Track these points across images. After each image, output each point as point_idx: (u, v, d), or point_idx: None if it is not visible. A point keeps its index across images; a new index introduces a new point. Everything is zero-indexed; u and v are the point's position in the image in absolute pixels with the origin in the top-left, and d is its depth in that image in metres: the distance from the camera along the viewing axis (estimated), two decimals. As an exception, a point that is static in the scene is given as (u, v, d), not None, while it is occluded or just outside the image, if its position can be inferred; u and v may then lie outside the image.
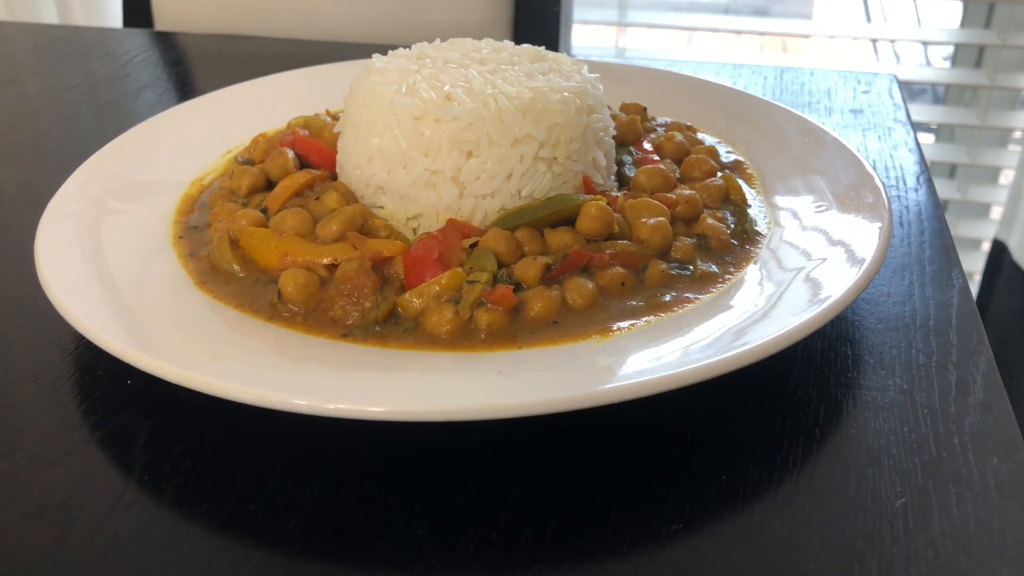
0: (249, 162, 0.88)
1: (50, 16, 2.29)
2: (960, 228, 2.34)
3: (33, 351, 0.69)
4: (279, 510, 0.54)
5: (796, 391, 0.64)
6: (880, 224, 0.71)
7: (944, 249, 0.82)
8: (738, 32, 2.40)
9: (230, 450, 0.59)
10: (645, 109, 0.99)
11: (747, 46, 2.92)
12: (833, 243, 0.71)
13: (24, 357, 0.68)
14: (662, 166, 0.84)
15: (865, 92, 1.21)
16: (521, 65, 0.81)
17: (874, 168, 0.81)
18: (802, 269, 0.69)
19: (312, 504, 0.55)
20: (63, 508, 0.55)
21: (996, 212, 2.35)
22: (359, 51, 1.32)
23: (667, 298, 0.68)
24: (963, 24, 2.28)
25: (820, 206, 0.78)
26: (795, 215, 0.78)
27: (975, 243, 2.37)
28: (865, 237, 0.70)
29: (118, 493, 0.56)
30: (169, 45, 1.47)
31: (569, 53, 1.29)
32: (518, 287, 0.68)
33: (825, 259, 0.69)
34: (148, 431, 0.61)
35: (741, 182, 0.83)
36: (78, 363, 0.67)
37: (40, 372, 0.67)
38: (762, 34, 2.62)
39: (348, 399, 0.55)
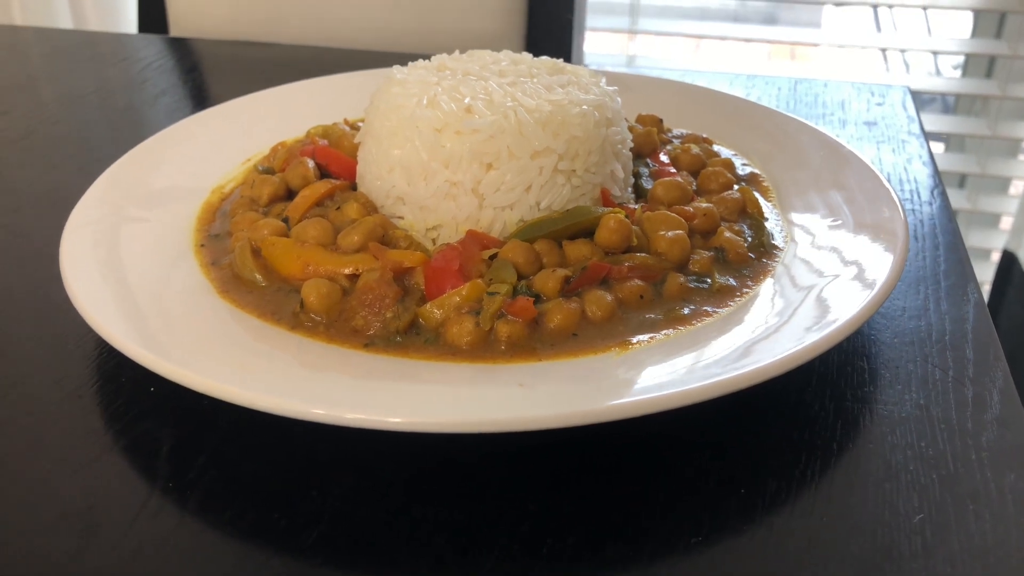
0: (269, 171, 0.89)
1: (65, 21, 2.30)
2: (970, 238, 2.34)
3: (57, 357, 0.70)
4: (302, 519, 0.55)
5: (813, 405, 0.65)
6: (897, 239, 0.71)
7: (959, 263, 0.82)
8: (747, 40, 2.41)
9: (253, 459, 0.60)
10: (661, 121, 0.99)
11: (755, 53, 2.92)
12: (849, 258, 0.72)
13: (48, 363, 0.69)
14: (679, 179, 0.84)
15: (879, 104, 1.21)
16: (540, 77, 0.82)
17: (889, 181, 0.82)
18: (818, 284, 0.69)
19: (335, 513, 0.55)
20: (88, 515, 0.55)
21: (1006, 222, 2.35)
22: (373, 59, 1.33)
23: (685, 311, 0.68)
24: (974, 34, 2.28)
25: (837, 221, 0.78)
26: (812, 230, 0.79)
27: (985, 253, 2.37)
28: (881, 252, 0.70)
29: (142, 501, 0.56)
30: (185, 51, 1.48)
31: (581, 61, 1.29)
32: (537, 299, 0.68)
33: (841, 275, 0.69)
34: (172, 439, 0.61)
35: (757, 195, 0.84)
36: (102, 370, 0.68)
37: (64, 379, 0.67)
38: (771, 42, 2.62)
39: (368, 409, 0.55)
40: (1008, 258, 2.24)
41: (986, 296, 2.27)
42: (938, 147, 2.43)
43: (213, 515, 0.56)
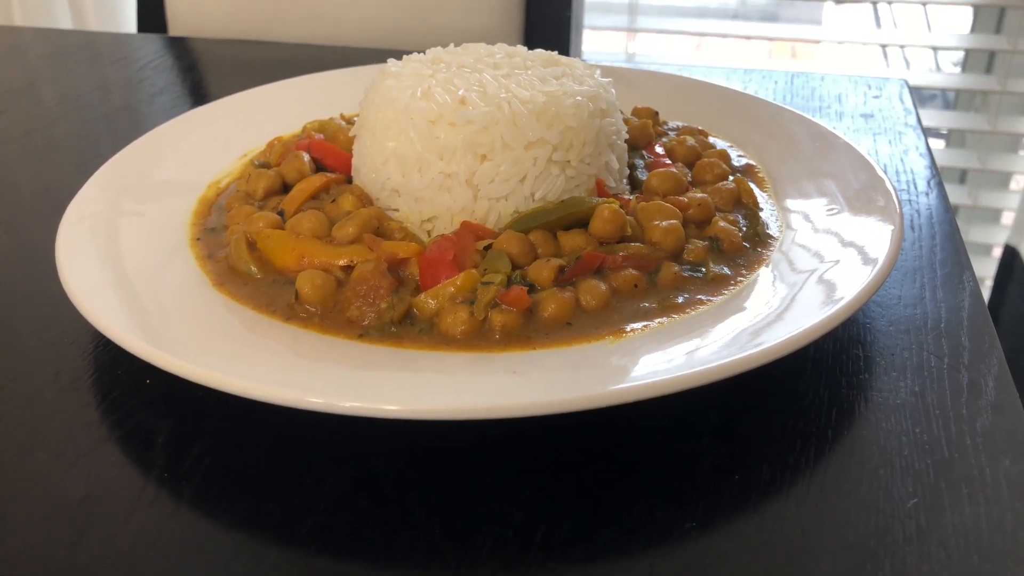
0: (265, 165, 0.89)
1: (65, 22, 2.31)
2: (971, 233, 2.33)
3: (54, 351, 0.70)
4: (297, 509, 0.55)
5: (808, 393, 0.65)
6: (892, 227, 0.72)
7: (955, 252, 0.82)
8: (747, 37, 2.41)
9: (248, 449, 0.60)
10: (657, 113, 0.99)
11: (756, 52, 2.92)
12: (845, 245, 0.72)
13: (45, 356, 0.69)
14: (674, 169, 0.84)
15: (876, 97, 1.21)
16: (534, 69, 0.82)
17: (885, 172, 0.82)
18: (814, 271, 0.69)
19: (329, 503, 0.56)
20: (83, 506, 0.56)
21: (1007, 217, 2.35)
22: (371, 56, 1.33)
23: (679, 300, 0.68)
24: (973, 29, 2.28)
25: (831, 209, 0.79)
26: (807, 218, 0.79)
27: (986, 248, 2.37)
28: (877, 240, 0.71)
29: (138, 491, 0.57)
30: (183, 50, 1.48)
31: (580, 58, 1.29)
32: (532, 288, 0.68)
33: (837, 261, 0.70)
34: (167, 430, 0.62)
35: (752, 185, 0.84)
36: (98, 362, 0.68)
37: (61, 371, 0.67)
38: (771, 40, 2.62)
39: (363, 398, 0.56)
40: (1010, 253, 2.24)
41: (988, 292, 2.27)
42: (938, 143, 2.43)
43: (208, 505, 0.56)
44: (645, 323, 0.66)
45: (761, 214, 0.80)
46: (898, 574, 0.50)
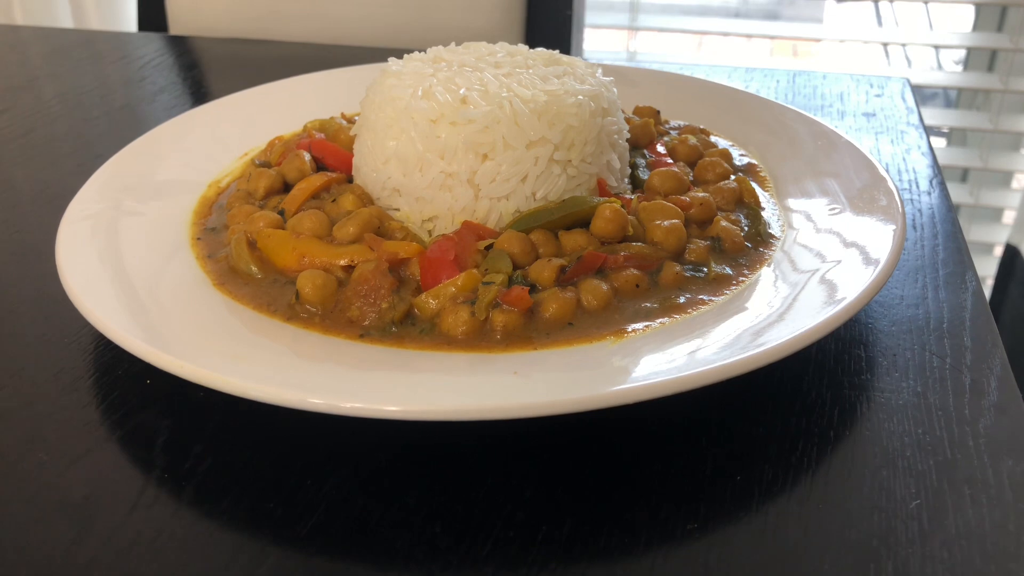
0: (266, 164, 0.89)
1: (65, 20, 2.31)
2: (972, 232, 2.33)
3: (54, 351, 0.70)
4: (298, 509, 0.55)
5: (810, 393, 0.64)
6: (894, 226, 0.71)
7: (957, 252, 0.82)
8: (748, 36, 2.41)
9: (249, 449, 0.60)
10: (658, 112, 0.99)
11: (758, 50, 2.92)
12: (847, 245, 0.72)
13: (45, 357, 0.69)
14: (676, 169, 0.84)
15: (878, 96, 1.21)
16: (536, 68, 0.82)
17: (887, 171, 0.82)
18: (816, 271, 0.69)
19: (330, 503, 0.55)
20: (84, 506, 0.55)
21: (1008, 216, 2.35)
22: (372, 55, 1.33)
23: (681, 300, 0.68)
24: (975, 28, 2.27)
25: (833, 209, 0.78)
26: (809, 217, 0.79)
27: (987, 247, 2.36)
28: (879, 239, 0.70)
29: (138, 491, 0.57)
30: (184, 49, 1.48)
31: (581, 57, 1.29)
32: (533, 288, 0.68)
33: (839, 261, 0.69)
34: (168, 430, 0.62)
35: (754, 185, 0.84)
36: (98, 363, 0.68)
37: (61, 371, 0.67)
38: (773, 38, 2.62)
39: (364, 398, 0.55)
40: (1011, 252, 2.24)
41: (989, 291, 2.27)
42: (940, 141, 2.43)
43: (208, 505, 0.56)
44: (647, 323, 0.66)
45: (763, 213, 0.79)
46: (900, 575, 0.50)
